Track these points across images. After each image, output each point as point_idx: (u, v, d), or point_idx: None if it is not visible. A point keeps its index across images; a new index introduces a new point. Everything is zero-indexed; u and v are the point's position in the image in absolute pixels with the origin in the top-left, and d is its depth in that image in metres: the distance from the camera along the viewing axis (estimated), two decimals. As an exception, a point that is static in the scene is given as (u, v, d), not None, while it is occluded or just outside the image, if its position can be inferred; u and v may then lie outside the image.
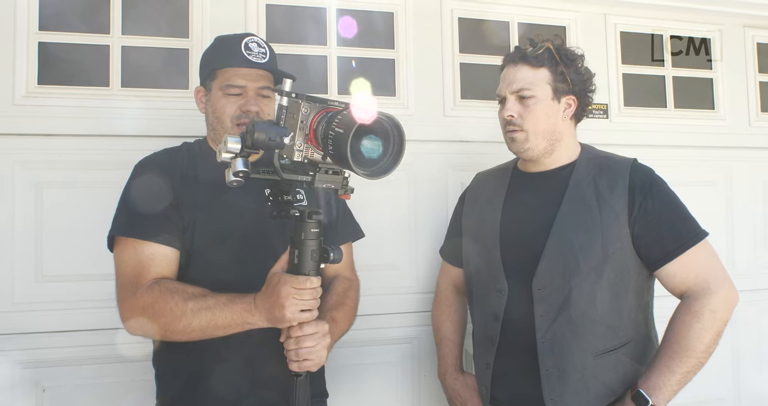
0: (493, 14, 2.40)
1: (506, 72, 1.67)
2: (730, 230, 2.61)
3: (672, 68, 2.62)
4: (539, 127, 1.62)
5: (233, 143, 1.20)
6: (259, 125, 1.18)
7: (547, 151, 1.66)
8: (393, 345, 2.19)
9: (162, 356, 1.56)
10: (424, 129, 2.25)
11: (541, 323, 1.55)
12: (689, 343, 1.48)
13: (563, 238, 1.56)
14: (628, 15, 2.54)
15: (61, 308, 1.88)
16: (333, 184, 1.28)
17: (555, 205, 1.60)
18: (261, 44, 1.58)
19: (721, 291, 1.53)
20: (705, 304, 1.50)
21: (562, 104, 1.65)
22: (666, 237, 1.54)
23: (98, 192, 1.92)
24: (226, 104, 1.55)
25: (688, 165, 2.56)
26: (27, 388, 1.86)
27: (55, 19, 1.97)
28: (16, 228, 1.88)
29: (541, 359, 1.54)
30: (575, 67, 1.65)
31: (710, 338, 1.49)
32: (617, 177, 1.59)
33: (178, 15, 2.08)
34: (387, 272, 2.18)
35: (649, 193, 1.56)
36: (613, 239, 1.55)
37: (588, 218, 1.56)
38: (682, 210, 1.59)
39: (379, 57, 2.27)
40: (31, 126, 1.90)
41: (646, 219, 1.55)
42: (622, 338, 1.55)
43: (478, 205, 1.80)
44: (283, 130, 1.20)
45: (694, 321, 1.49)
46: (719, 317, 1.50)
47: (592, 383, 1.53)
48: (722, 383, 2.57)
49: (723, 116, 2.66)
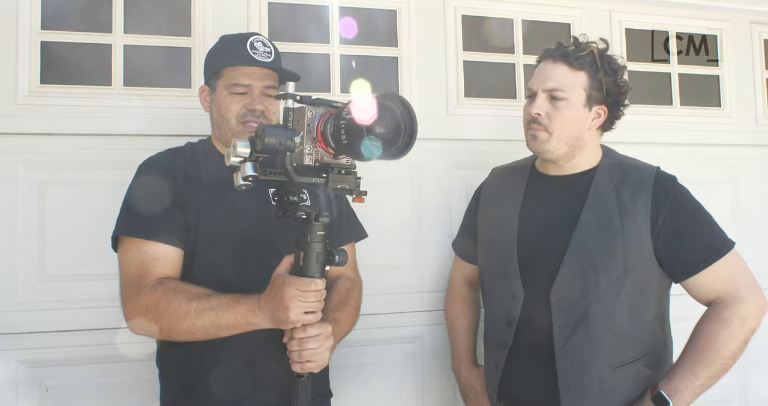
0: (497, 11, 2.38)
1: (542, 67, 1.60)
2: (736, 228, 2.58)
3: (678, 65, 2.59)
4: (564, 132, 1.56)
5: (243, 148, 1.20)
6: (269, 130, 1.19)
7: (567, 156, 1.60)
8: (397, 344, 2.18)
9: (165, 356, 1.56)
10: (428, 127, 2.22)
11: (559, 335, 1.52)
12: (716, 349, 1.46)
13: (583, 249, 1.52)
14: (633, 12, 2.52)
15: (63, 307, 1.88)
16: (347, 185, 1.29)
17: (575, 213, 1.56)
18: (266, 43, 1.59)
19: (752, 299, 1.51)
20: (735, 312, 1.48)
21: (592, 113, 1.59)
22: (692, 251, 1.50)
23: (100, 191, 1.91)
24: (231, 103, 1.55)
25: (694, 163, 2.53)
26: (30, 387, 1.86)
27: (58, 19, 1.97)
28: (18, 227, 1.88)
29: (560, 370, 1.51)
30: (615, 77, 1.59)
31: (737, 345, 1.47)
32: (640, 187, 1.54)
33: (180, 14, 2.07)
34: (391, 271, 2.17)
35: (674, 204, 1.52)
36: (635, 252, 1.51)
37: (609, 229, 1.52)
38: (707, 221, 1.54)
39: (382, 55, 2.26)
40: (34, 125, 1.90)
41: (670, 231, 1.50)
42: (641, 349, 1.53)
43: (495, 204, 1.75)
44: (291, 133, 1.21)
45: (722, 328, 1.47)
46: (748, 325, 1.49)
47: (610, 395, 1.51)
48: (729, 384, 2.54)
49: (729, 114, 2.63)
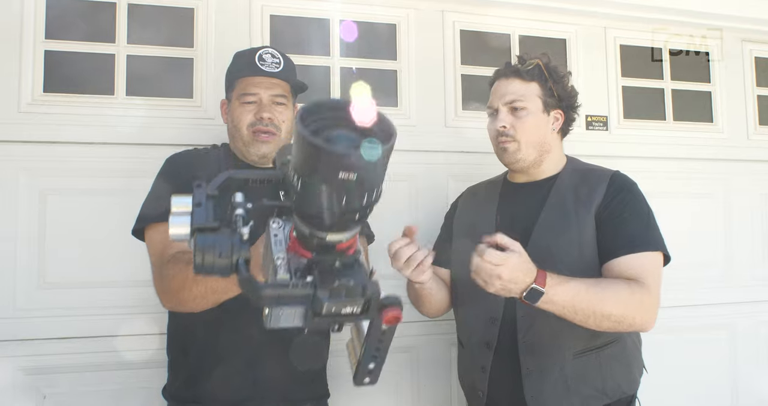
0: (495, 27, 2.42)
1: (498, 85, 1.74)
2: (728, 242, 2.62)
3: (671, 81, 2.64)
4: (530, 138, 1.68)
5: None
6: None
7: (537, 162, 1.71)
8: (390, 354, 2.18)
9: (173, 343, 1.62)
10: (426, 139, 2.27)
11: (521, 324, 1.59)
12: (606, 298, 1.40)
13: (541, 243, 1.59)
14: (628, 28, 2.57)
15: (62, 314, 1.89)
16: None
17: (536, 213, 1.66)
18: (275, 55, 1.65)
19: (653, 301, 1.48)
20: (643, 294, 1.45)
21: (551, 117, 1.71)
22: (622, 237, 1.54)
23: (102, 200, 1.93)
24: (242, 113, 1.61)
25: (687, 177, 2.58)
26: (28, 394, 1.86)
27: (62, 28, 1.99)
28: (19, 234, 1.89)
29: (522, 359, 1.58)
30: (562, 83, 1.72)
31: (622, 310, 1.42)
32: (597, 184, 1.64)
33: (182, 25, 2.10)
34: (386, 282, 2.14)
35: (620, 196, 1.60)
36: (590, 241, 1.58)
37: (565, 222, 1.61)
38: (648, 220, 1.59)
39: (382, 68, 2.29)
40: (36, 133, 1.92)
41: (609, 218, 1.58)
42: (603, 338, 1.57)
43: (471, 213, 1.84)
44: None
45: (627, 293, 1.43)
46: (639, 316, 1.45)
47: (572, 383, 1.56)
48: (721, 394, 2.57)
49: (721, 129, 2.68)
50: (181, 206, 0.92)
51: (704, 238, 2.57)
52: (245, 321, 1.35)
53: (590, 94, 2.44)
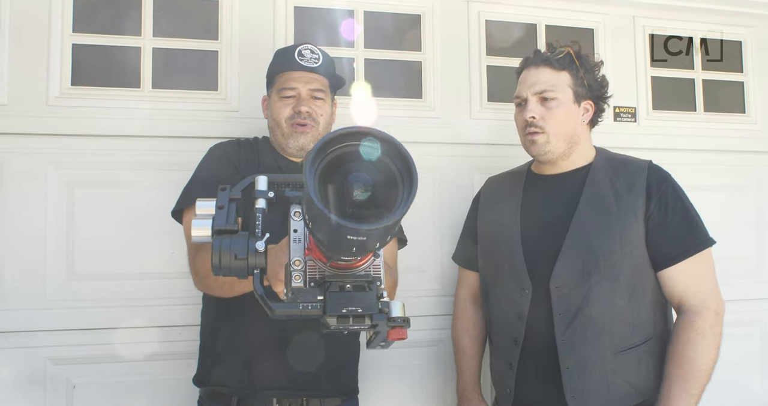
0: (521, 17, 2.38)
1: (526, 74, 1.69)
2: (761, 236, 2.56)
3: (702, 71, 2.58)
4: (560, 130, 1.64)
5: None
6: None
7: (566, 153, 1.68)
8: (418, 348, 2.18)
9: (206, 327, 1.66)
10: (451, 131, 2.25)
11: (560, 322, 1.56)
12: (701, 363, 1.51)
13: (581, 237, 1.58)
14: (657, 17, 2.51)
15: (91, 306, 1.91)
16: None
17: (573, 205, 1.63)
18: (314, 51, 1.68)
19: (715, 305, 1.56)
20: (705, 318, 1.53)
21: (581, 108, 1.68)
22: (676, 240, 1.56)
23: (128, 192, 1.95)
24: (281, 107, 1.64)
25: (718, 169, 2.52)
26: (57, 384, 1.88)
27: (89, 22, 2.00)
28: (48, 227, 1.91)
29: (561, 357, 1.56)
30: (593, 73, 1.69)
31: (715, 353, 1.53)
32: (635, 177, 1.61)
33: (207, 17, 2.10)
34: (411, 275, 2.17)
35: (665, 194, 1.59)
36: (631, 238, 1.57)
37: (606, 216, 1.59)
38: (692, 215, 1.60)
39: (406, 59, 2.27)
40: (64, 126, 1.93)
41: (659, 219, 1.57)
42: (642, 335, 1.57)
43: (494, 207, 1.81)
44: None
45: (699, 338, 1.52)
46: (717, 331, 1.54)
47: (612, 380, 1.54)
48: (753, 391, 2.52)
49: (754, 120, 2.61)
50: (204, 209, 0.95)
51: (736, 232, 2.50)
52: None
53: (618, 85, 2.39)
